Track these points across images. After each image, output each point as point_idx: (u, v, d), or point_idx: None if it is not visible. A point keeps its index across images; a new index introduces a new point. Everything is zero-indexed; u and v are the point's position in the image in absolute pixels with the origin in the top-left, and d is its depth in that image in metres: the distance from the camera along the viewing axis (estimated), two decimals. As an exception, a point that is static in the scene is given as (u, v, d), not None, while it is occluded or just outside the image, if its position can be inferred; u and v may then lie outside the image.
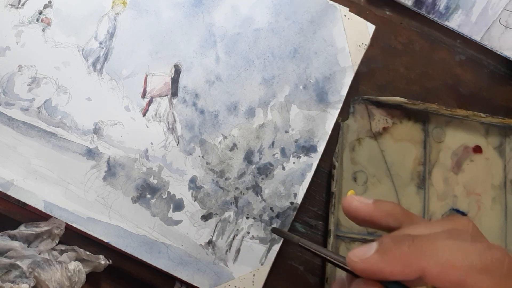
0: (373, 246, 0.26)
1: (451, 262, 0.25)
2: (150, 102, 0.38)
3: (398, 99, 0.38)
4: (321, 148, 0.39)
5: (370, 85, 0.40)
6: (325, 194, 0.40)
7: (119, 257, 0.37)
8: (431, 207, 0.40)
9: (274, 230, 0.36)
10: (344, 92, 0.39)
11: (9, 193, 0.37)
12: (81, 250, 0.36)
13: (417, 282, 0.27)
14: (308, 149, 0.39)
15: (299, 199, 0.38)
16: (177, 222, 0.38)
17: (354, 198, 0.30)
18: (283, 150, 0.39)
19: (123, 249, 0.37)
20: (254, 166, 0.38)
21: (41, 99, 0.37)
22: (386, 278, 0.26)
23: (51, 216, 0.37)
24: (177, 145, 0.38)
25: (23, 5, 0.38)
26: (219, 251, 0.38)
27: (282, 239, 0.38)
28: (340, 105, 0.39)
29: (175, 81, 0.38)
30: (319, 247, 0.30)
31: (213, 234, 0.38)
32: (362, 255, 0.26)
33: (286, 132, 0.39)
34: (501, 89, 0.42)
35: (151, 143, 0.38)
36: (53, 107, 0.37)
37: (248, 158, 0.38)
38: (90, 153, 0.37)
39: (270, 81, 0.39)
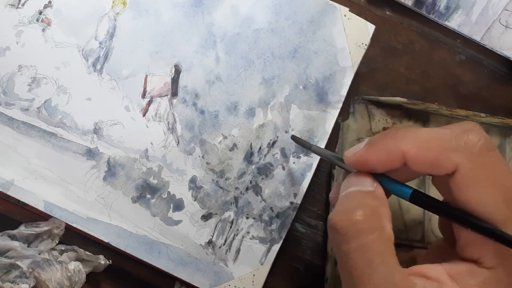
0: (364, 142, 0.29)
1: (427, 144, 0.26)
2: (150, 102, 0.38)
3: (398, 99, 0.38)
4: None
5: (370, 85, 0.40)
6: (325, 194, 0.40)
7: (119, 257, 0.37)
8: (431, 207, 0.40)
9: (293, 137, 0.38)
10: (344, 92, 0.39)
11: (9, 193, 0.37)
12: (81, 250, 0.36)
13: (405, 174, 0.29)
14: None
15: (299, 199, 0.38)
16: (177, 222, 0.38)
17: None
18: (283, 150, 0.39)
19: (123, 249, 0.37)
20: (254, 166, 0.38)
21: (41, 99, 0.37)
22: (375, 167, 0.28)
23: (51, 216, 0.37)
24: (177, 145, 0.38)
25: (23, 5, 0.38)
26: (219, 251, 0.38)
27: (282, 239, 0.38)
28: (340, 105, 0.39)
29: (175, 81, 0.38)
30: (326, 152, 0.34)
31: (213, 234, 0.38)
32: (354, 150, 0.29)
33: (286, 132, 0.39)
34: (501, 89, 0.42)
35: (151, 143, 0.38)
36: (53, 107, 0.37)
37: (248, 158, 0.38)
38: (90, 153, 0.37)
39: (270, 81, 0.39)
